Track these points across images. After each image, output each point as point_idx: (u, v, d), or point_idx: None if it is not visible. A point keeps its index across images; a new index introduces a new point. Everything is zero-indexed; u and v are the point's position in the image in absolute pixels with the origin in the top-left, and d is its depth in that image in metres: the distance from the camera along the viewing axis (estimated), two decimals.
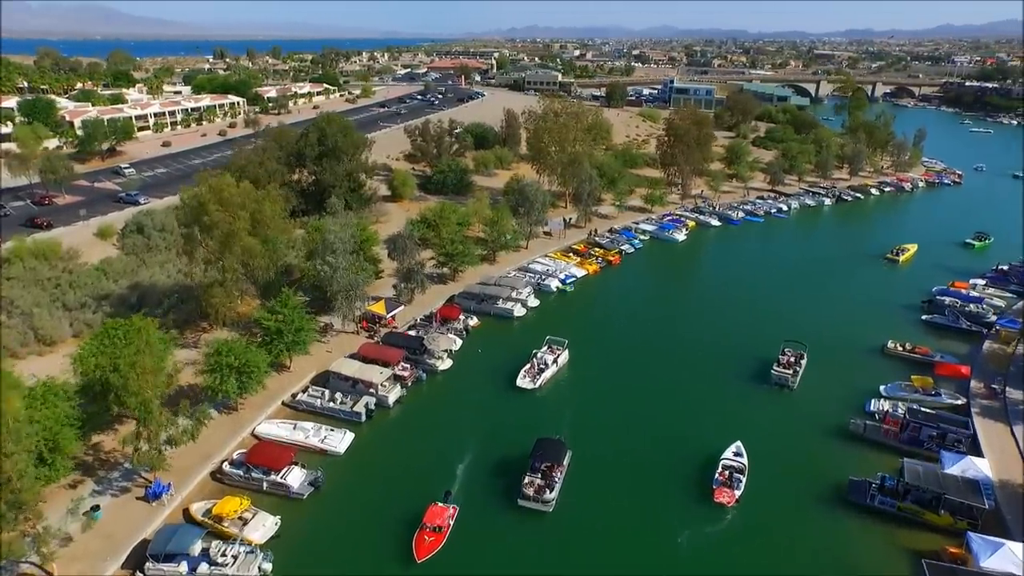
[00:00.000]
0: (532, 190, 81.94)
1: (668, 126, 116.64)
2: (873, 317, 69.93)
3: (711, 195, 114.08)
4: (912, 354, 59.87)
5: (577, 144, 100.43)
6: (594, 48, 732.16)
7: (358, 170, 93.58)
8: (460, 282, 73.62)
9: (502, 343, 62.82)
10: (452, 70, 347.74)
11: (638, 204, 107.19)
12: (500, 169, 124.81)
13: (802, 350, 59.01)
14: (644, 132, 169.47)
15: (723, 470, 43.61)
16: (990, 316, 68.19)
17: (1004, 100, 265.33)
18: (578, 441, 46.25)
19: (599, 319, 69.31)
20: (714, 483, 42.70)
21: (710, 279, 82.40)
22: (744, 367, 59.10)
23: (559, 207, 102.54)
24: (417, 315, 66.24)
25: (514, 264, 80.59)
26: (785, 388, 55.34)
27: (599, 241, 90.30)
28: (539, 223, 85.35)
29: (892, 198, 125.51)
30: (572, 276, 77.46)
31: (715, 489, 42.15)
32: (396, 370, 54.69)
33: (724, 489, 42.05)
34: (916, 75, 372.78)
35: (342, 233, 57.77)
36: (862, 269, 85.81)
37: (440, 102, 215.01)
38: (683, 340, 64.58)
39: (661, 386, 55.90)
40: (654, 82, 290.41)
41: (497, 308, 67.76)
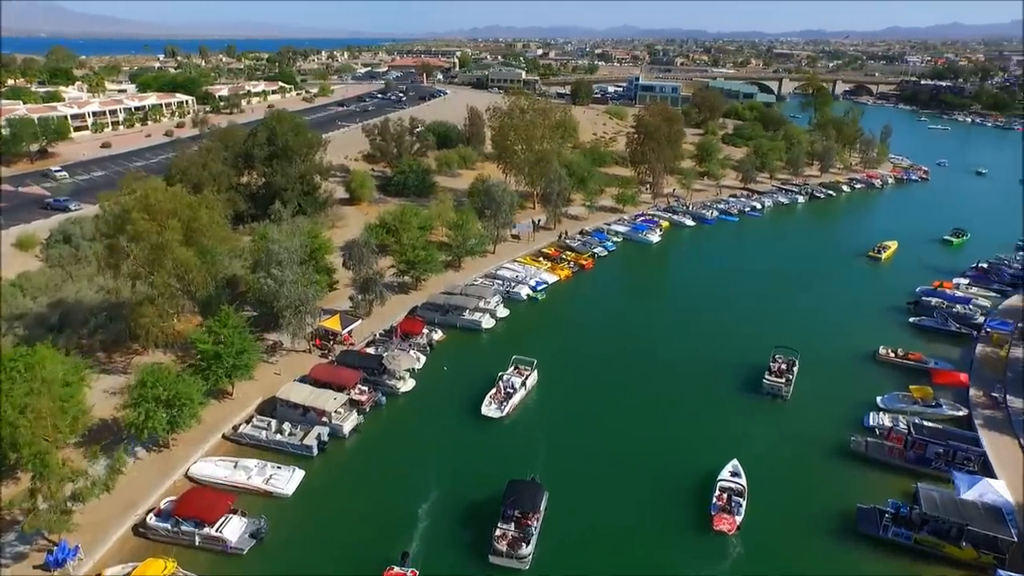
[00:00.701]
0: (498, 191, 76.90)
1: (638, 123, 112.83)
2: (860, 319, 66.94)
3: (683, 194, 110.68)
4: (905, 360, 56.69)
5: (545, 142, 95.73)
6: (557, 47, 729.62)
7: (312, 172, 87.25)
8: (423, 292, 68.17)
9: (470, 359, 57.64)
10: (414, 68, 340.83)
11: (609, 204, 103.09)
12: (464, 169, 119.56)
13: (793, 356, 55.52)
14: (611, 130, 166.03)
15: (721, 493, 39.60)
16: (978, 317, 65.72)
17: (957, 98, 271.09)
18: (555, 478, 40.86)
19: (573, 329, 64.59)
20: (712, 509, 38.64)
21: (689, 282, 78.42)
22: (733, 376, 55.26)
23: (527, 208, 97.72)
24: (376, 329, 60.56)
25: (481, 270, 75.42)
26: (778, 398, 51.73)
27: (570, 244, 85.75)
28: (506, 226, 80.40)
29: (863, 195, 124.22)
30: (543, 282, 72.66)
31: (714, 516, 38.07)
32: (352, 394, 49.09)
33: (724, 516, 37.93)
34: (872, 74, 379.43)
35: (288, 242, 51.74)
36: (845, 268, 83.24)
37: (401, 100, 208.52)
38: (664, 349, 60.32)
39: (644, 402, 51.33)
40: (619, 80, 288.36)
41: (464, 320, 62.53)
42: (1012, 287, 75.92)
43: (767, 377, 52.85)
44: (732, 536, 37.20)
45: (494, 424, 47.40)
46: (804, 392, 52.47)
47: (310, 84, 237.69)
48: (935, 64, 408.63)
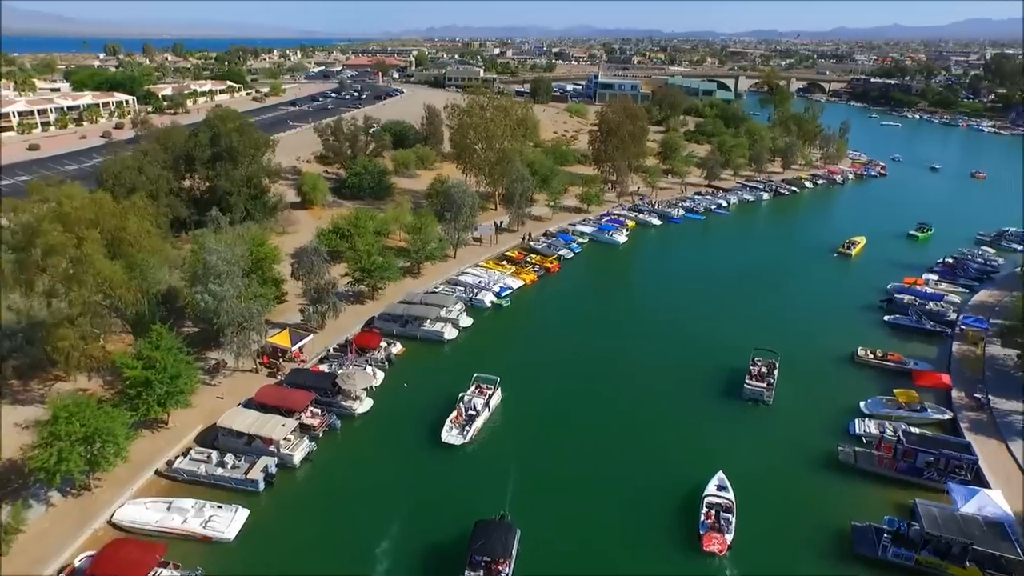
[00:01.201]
0: (458, 191, 72.97)
1: (600, 120, 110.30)
2: (835, 318, 65.49)
3: (649, 192, 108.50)
4: (884, 362, 54.97)
5: (506, 140, 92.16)
6: (514, 46, 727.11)
7: (260, 174, 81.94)
8: (380, 301, 63.86)
9: (432, 373, 53.63)
10: (369, 67, 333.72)
11: (573, 204, 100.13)
12: (422, 170, 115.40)
13: (773, 358, 53.39)
14: (573, 128, 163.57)
15: (708, 509, 37.08)
16: (950, 314, 64.74)
17: (906, 96, 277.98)
18: (527, 513, 37.05)
19: (540, 338, 61.00)
20: (701, 527, 36.06)
21: (659, 284, 75.69)
22: (712, 381, 52.90)
23: (489, 210, 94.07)
24: (329, 344, 56.06)
25: (441, 276, 71.41)
26: (760, 403, 49.55)
27: (535, 246, 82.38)
28: (468, 228, 76.52)
29: (825, 191, 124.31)
30: (508, 288, 69.06)
31: (703, 535, 35.52)
32: (303, 418, 44.70)
33: (713, 535, 35.42)
34: (824, 72, 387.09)
35: (228, 252, 46.81)
36: (816, 265, 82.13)
37: (356, 100, 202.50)
38: (638, 355, 57.38)
39: (619, 414, 48.18)
40: (578, 78, 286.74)
41: (424, 331, 58.48)
42: (978, 281, 75.72)
43: (748, 381, 50.69)
44: (723, 557, 34.61)
45: (457, 452, 43.05)
46: (786, 396, 50.30)
47: (261, 84, 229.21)
48: (882, 63, 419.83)
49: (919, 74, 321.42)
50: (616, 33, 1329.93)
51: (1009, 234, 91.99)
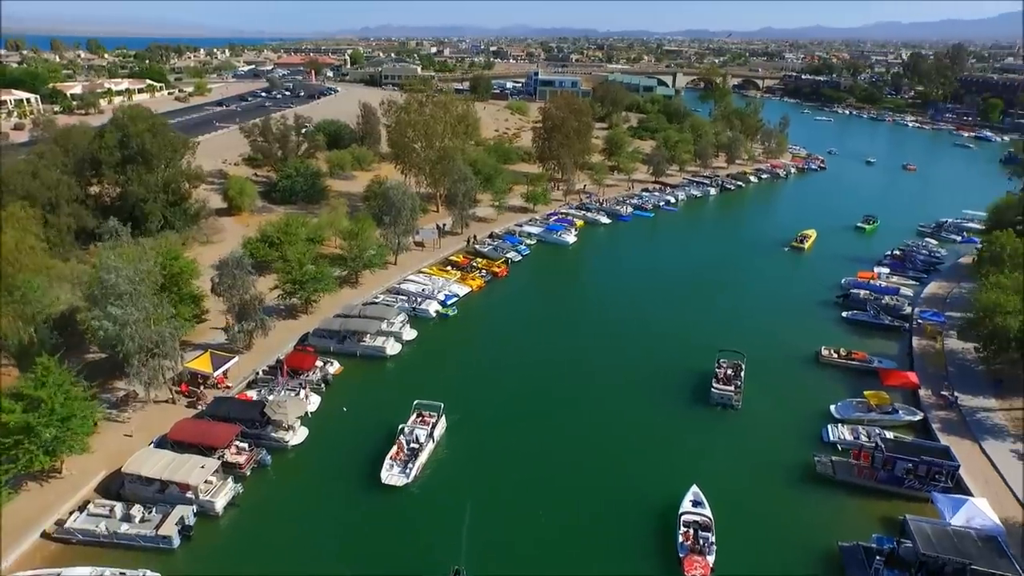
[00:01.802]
0: (397, 193, 67.85)
1: (544, 116, 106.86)
2: (794, 316, 64.07)
3: (596, 190, 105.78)
4: (849, 361, 53.26)
5: (447, 138, 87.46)
6: (451, 45, 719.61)
7: (178, 178, 74.70)
8: (315, 315, 58.36)
9: (374, 393, 48.71)
10: (302, 66, 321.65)
11: (519, 203, 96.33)
12: (359, 171, 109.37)
13: (739, 359, 51.24)
14: (514, 125, 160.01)
15: (686, 529, 34.37)
16: (905, 307, 64.09)
17: (835, 92, 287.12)
18: (485, 563, 32.70)
19: (491, 349, 56.69)
20: (680, 550, 33.24)
21: (612, 284, 72.31)
22: (676, 386, 50.43)
23: (431, 212, 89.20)
24: (259, 366, 50.32)
25: (382, 285, 66.29)
26: (729, 408, 47.19)
27: (480, 249, 78.08)
28: (408, 232, 71.51)
29: (769, 185, 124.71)
30: (453, 295, 64.57)
31: (683, 559, 32.80)
32: (227, 455, 39.22)
33: (694, 558, 32.76)
34: (756, 69, 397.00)
35: (129, 270, 40.51)
36: (770, 260, 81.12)
37: (287, 99, 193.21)
38: (596, 362, 53.99)
39: (581, 429, 44.63)
40: (517, 75, 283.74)
41: (364, 347, 53.38)
42: (925, 273, 75.96)
43: (715, 385, 48.32)
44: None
45: (400, 494, 37.85)
46: (753, 400, 48.10)
47: (185, 83, 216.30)
48: (810, 61, 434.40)
49: (846, 71, 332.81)
50: (553, 32, 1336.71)
51: (948, 225, 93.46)
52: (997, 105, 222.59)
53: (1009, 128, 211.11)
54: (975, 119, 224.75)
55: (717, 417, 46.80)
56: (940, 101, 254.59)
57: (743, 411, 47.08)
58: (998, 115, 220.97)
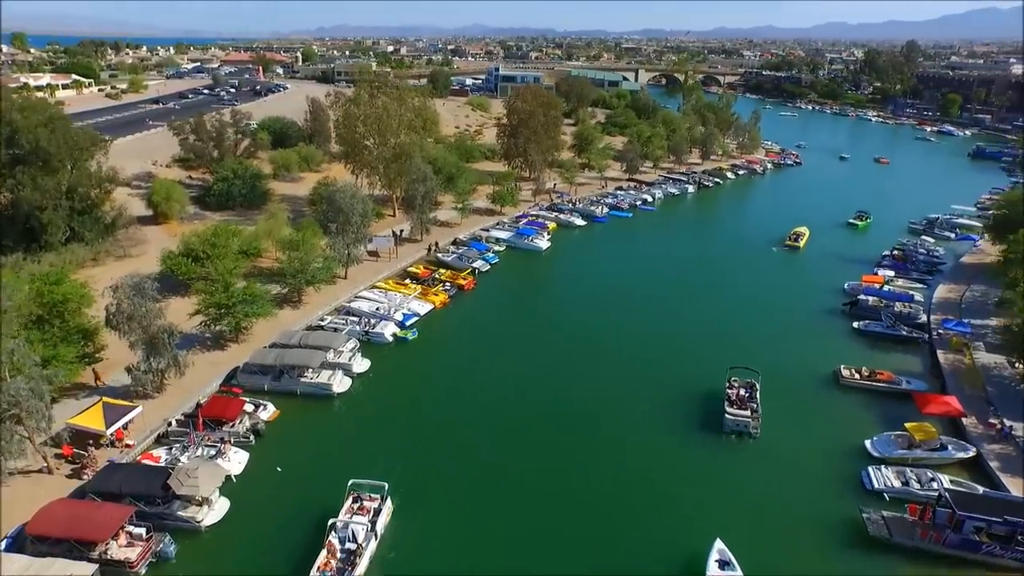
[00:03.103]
0: (345, 196, 58.28)
1: (509, 110, 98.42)
2: (801, 327, 57.37)
3: (567, 189, 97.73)
4: (874, 382, 46.13)
5: (403, 134, 78.13)
6: (408, 44, 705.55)
7: (85, 183, 63.67)
8: (249, 344, 48.65)
9: (316, 446, 39.35)
10: (250, 63, 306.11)
11: (484, 205, 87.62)
12: (307, 172, 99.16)
13: (752, 378, 44.54)
14: (476, 122, 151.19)
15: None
16: (921, 315, 57.59)
17: (797, 88, 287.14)
18: None
19: (457, 380, 47.55)
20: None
21: (593, 295, 63.75)
22: (681, 411, 43.28)
23: (386, 217, 79.83)
24: (172, 414, 40.45)
25: (329, 304, 56.77)
26: (745, 436, 40.25)
27: (443, 258, 69.14)
28: (360, 241, 62.01)
29: (747, 181, 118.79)
30: (413, 314, 55.49)
31: None
32: (114, 549, 29.59)
33: None
34: (715, 66, 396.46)
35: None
36: (763, 261, 74.64)
37: (231, 96, 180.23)
38: (583, 390, 45.82)
39: (578, 478, 36.51)
40: (476, 72, 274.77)
41: (306, 384, 43.97)
42: (929, 275, 70.04)
43: (729, 410, 41.24)
44: None
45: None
46: (773, 427, 40.89)
47: (119, 80, 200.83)
48: (768, 58, 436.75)
49: (806, 68, 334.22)
50: (510, 32, 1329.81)
51: (940, 222, 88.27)
52: (956, 101, 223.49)
53: (968, 123, 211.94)
54: (935, 114, 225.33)
55: (733, 449, 39.62)
56: (899, 97, 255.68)
57: (762, 440, 40.03)
58: (957, 110, 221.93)
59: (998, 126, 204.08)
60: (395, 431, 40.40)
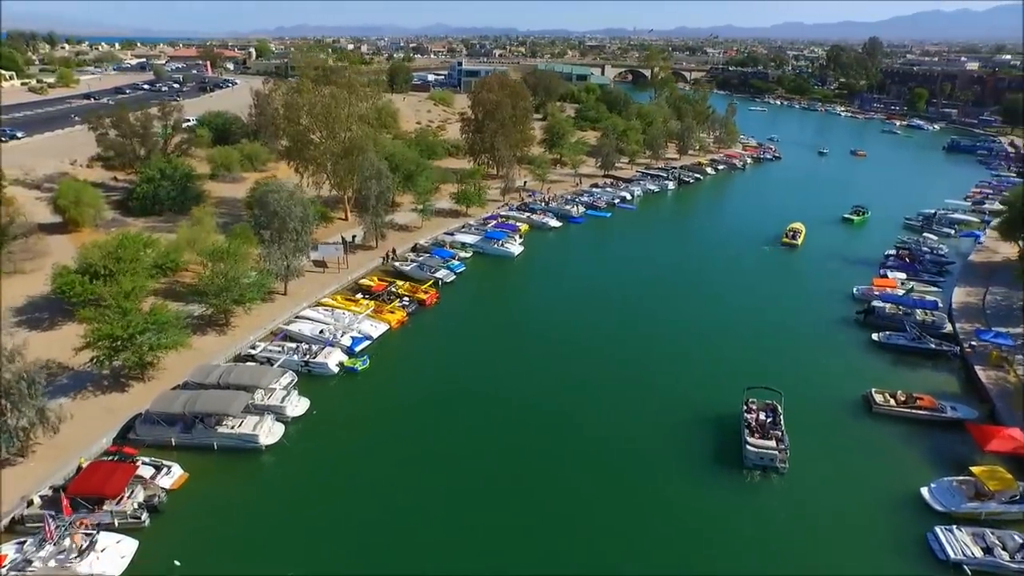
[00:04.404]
0: (280, 198, 48.81)
1: (474, 101, 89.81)
2: (813, 338, 50.41)
3: (540, 187, 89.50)
4: (913, 410, 38.91)
5: (354, 126, 68.84)
6: (369, 43, 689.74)
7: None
8: (159, 381, 39.10)
9: (233, 524, 30.10)
10: (200, 61, 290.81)
11: (448, 206, 78.83)
12: (251, 171, 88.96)
13: (774, 399, 37.77)
14: (438, 117, 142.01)
15: None
16: (946, 325, 50.84)
17: (764, 83, 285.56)
18: None
19: (415, 422, 38.50)
20: None
21: (575, 306, 55.41)
22: (692, 443, 36.39)
23: (337, 221, 70.50)
24: (37, 488, 30.76)
25: (263, 327, 47.33)
26: (770, 472, 33.34)
27: (402, 268, 60.20)
28: (302, 250, 52.61)
29: (728, 176, 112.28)
30: (364, 338, 46.46)
31: None
32: None
33: None
34: (680, 63, 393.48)
35: None
36: (759, 263, 67.87)
37: (173, 91, 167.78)
38: (571, 423, 37.94)
39: (573, 545, 28.06)
40: (439, 68, 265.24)
41: (225, 436, 34.73)
42: (940, 276, 63.81)
43: (750, 440, 34.25)
44: None
45: None
46: (801, 461, 34.10)
47: (47, 74, 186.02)
48: (732, 55, 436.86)
49: (771, 64, 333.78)
50: (473, 31, 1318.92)
51: (939, 218, 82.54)
52: (923, 95, 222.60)
53: (935, 117, 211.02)
54: (902, 109, 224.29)
55: (757, 490, 32.90)
56: (865, 92, 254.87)
57: (791, 480, 33.11)
58: (924, 105, 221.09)
59: (964, 120, 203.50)
60: (340, 499, 31.53)
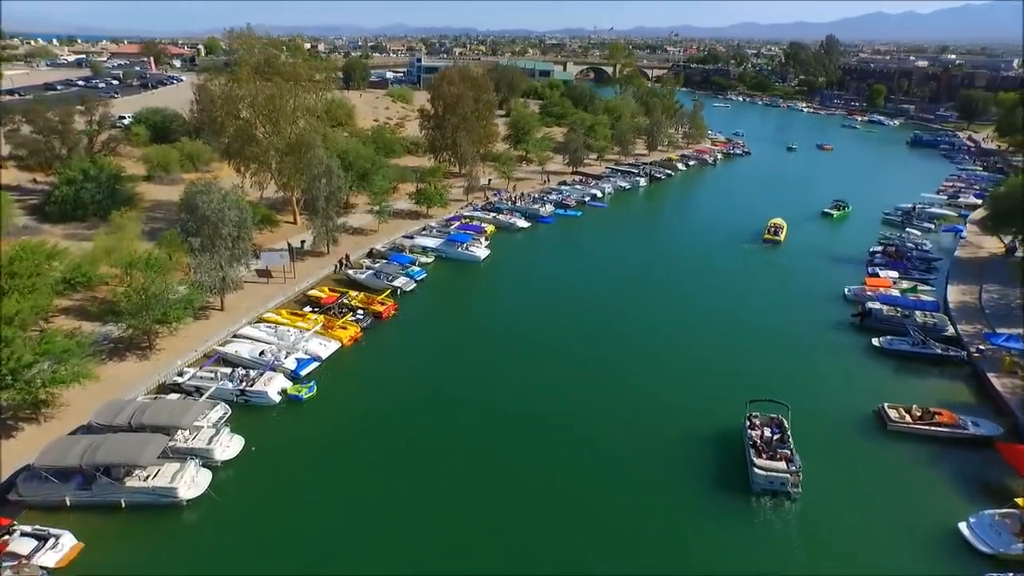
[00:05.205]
0: (210, 200, 42.29)
1: (434, 93, 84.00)
2: (809, 345, 46.08)
3: (505, 185, 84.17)
4: (933, 427, 34.87)
5: (301, 120, 62.46)
6: (326, 42, 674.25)
7: None
8: (54, 423, 32.46)
9: None
10: (145, 58, 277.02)
11: (407, 207, 72.93)
12: (194, 172, 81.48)
13: (779, 413, 33.65)
14: (397, 114, 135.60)
15: None
16: (948, 327, 47.25)
17: (726, 80, 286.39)
18: None
19: (370, 461, 32.70)
20: None
21: (550, 315, 50.03)
22: (690, 463, 32.39)
23: (284, 224, 64.06)
24: None
25: (193, 349, 40.83)
26: (781, 498, 29.31)
27: (356, 277, 54.12)
28: (240, 258, 46.12)
29: (699, 172, 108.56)
30: (311, 359, 40.51)
31: None
32: None
33: None
34: (641, 60, 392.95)
35: None
36: (741, 262, 63.58)
37: (112, 88, 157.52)
38: (551, 451, 32.82)
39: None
40: (397, 65, 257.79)
41: (136, 491, 28.45)
42: (928, 273, 60.69)
43: (757, 461, 30.16)
44: None
45: None
46: (815, 486, 30.09)
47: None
48: (692, 52, 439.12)
49: (732, 61, 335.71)
50: (432, 31, 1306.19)
51: (918, 212, 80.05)
52: (881, 91, 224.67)
53: (894, 112, 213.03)
54: (862, 104, 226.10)
55: (768, 523, 28.57)
56: (825, 88, 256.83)
57: (806, 507, 29.05)
58: (883, 101, 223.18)
59: (922, 115, 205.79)
60: (280, 561, 25.68)
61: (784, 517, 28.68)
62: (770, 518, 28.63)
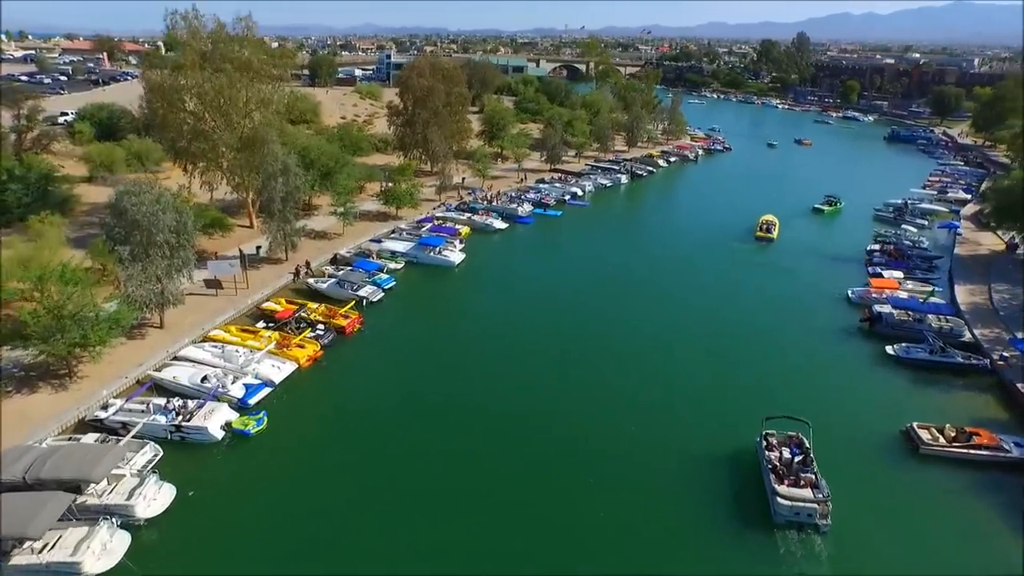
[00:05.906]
0: (141, 203, 36.49)
1: (403, 87, 78.53)
2: (818, 354, 42.06)
3: (480, 184, 79.08)
4: (972, 450, 30.81)
5: (256, 113, 56.71)
6: (294, 41, 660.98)
7: None
8: None
9: None
10: (99, 54, 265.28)
11: (374, 208, 67.50)
12: (144, 173, 74.72)
13: (800, 431, 29.54)
14: (365, 111, 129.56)
15: None
16: (965, 332, 43.58)
17: (700, 77, 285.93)
18: None
19: (326, 505, 27.52)
20: None
21: (532, 326, 44.76)
22: (697, 487, 28.31)
23: (238, 229, 58.13)
24: None
25: (123, 374, 35.00)
26: (808, 532, 25.11)
27: (316, 286, 48.60)
28: (182, 269, 40.30)
29: (680, 168, 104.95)
30: (262, 384, 35.03)
31: None
32: None
33: None
34: (614, 58, 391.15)
35: None
36: (733, 263, 59.55)
37: (58, 84, 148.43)
38: (538, 483, 27.92)
39: None
40: (366, 63, 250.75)
41: (22, 572, 22.70)
42: (930, 272, 57.40)
43: (779, 489, 25.82)
44: None
45: None
46: (846, 516, 25.90)
47: None
48: (665, 51, 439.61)
49: (705, 59, 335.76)
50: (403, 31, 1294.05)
51: (911, 208, 77.12)
52: (855, 88, 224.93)
53: (868, 108, 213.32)
54: (836, 101, 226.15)
55: (793, 562, 24.18)
56: (798, 85, 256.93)
57: (836, 543, 24.83)
58: (856, 97, 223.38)
59: (895, 111, 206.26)
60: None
61: (812, 554, 24.48)
62: (795, 556, 24.37)
